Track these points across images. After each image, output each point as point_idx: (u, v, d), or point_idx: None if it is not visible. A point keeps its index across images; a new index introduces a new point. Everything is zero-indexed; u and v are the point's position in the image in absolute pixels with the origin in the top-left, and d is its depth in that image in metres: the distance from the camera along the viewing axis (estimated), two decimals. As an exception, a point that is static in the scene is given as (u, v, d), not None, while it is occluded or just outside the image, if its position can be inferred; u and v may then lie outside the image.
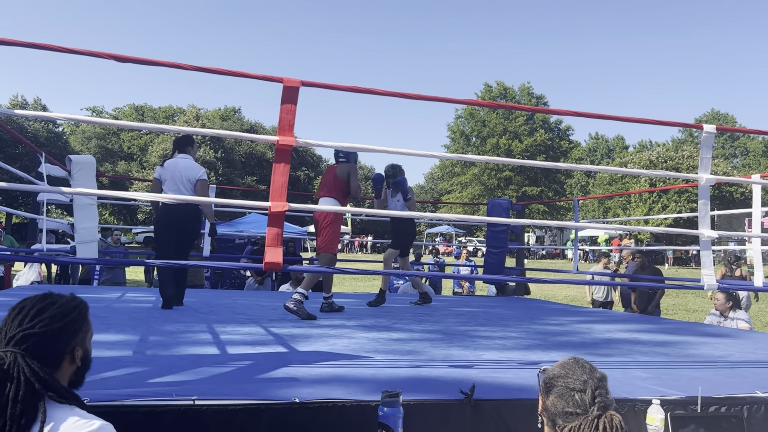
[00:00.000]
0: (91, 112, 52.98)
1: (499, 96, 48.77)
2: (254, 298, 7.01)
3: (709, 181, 3.86)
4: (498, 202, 8.93)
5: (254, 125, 50.68)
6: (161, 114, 53.66)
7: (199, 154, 40.54)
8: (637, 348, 4.21)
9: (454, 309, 6.70)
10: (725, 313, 6.55)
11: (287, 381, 2.60)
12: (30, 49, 3.00)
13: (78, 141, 49.39)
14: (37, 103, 43.51)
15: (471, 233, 46.92)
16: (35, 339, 1.51)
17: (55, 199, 11.43)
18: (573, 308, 8.30)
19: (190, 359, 3.06)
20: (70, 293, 1.67)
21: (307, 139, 3.45)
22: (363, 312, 5.77)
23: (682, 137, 58.71)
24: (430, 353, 3.60)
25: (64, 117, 3.34)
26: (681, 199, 36.77)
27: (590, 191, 50.68)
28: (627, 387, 2.75)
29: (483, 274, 9.03)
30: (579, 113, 4.04)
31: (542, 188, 46.99)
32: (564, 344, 4.27)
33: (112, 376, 2.54)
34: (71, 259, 6.03)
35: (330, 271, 4.50)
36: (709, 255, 3.93)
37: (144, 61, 3.16)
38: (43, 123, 37.86)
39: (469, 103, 4.34)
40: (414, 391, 2.45)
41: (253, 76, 3.27)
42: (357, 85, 3.52)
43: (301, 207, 3.78)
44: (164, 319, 4.65)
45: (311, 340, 3.91)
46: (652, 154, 41.30)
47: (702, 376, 3.13)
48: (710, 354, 4.11)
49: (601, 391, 1.67)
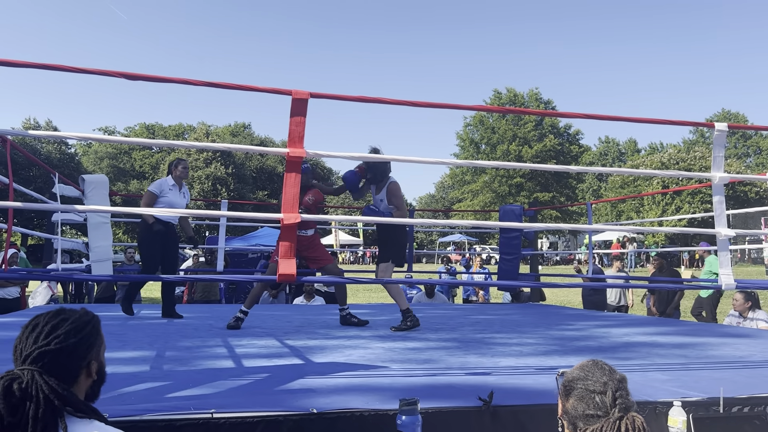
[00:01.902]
0: (103, 132, 53.57)
1: (509, 102, 48.73)
2: (269, 311, 7.01)
3: (723, 180, 3.82)
4: (510, 209, 8.89)
5: (264, 140, 50.99)
6: (172, 132, 54.16)
7: (210, 170, 40.94)
8: (655, 350, 4.17)
9: (470, 317, 6.67)
10: (744, 313, 6.47)
11: (304, 392, 2.59)
12: (41, 70, 3.04)
13: (90, 161, 49.93)
14: (49, 125, 44.05)
15: (484, 241, 46.75)
16: (51, 356, 1.52)
17: (70, 219, 11.52)
18: (589, 313, 8.23)
19: (208, 373, 3.06)
20: (81, 308, 1.68)
21: (317, 150, 3.46)
22: (378, 323, 5.75)
23: (694, 138, 58.30)
24: (446, 361, 3.58)
25: (76, 136, 3.38)
26: (695, 201, 36.47)
27: (602, 195, 50.38)
28: (647, 389, 2.71)
29: (497, 281, 8.98)
30: (588, 115, 4.02)
31: (554, 194, 46.76)
32: (582, 349, 4.23)
33: (130, 391, 2.55)
34: (87, 277, 6.07)
35: (344, 281, 4.49)
36: (726, 254, 3.88)
37: (154, 78, 3.19)
38: (56, 144, 38.31)
39: (478, 109, 4.34)
40: (432, 399, 2.44)
41: (262, 90, 3.29)
42: (365, 95, 3.53)
43: (313, 218, 3.79)
44: (180, 335, 4.66)
45: (327, 351, 3.90)
46: (664, 156, 41.05)
47: (723, 377, 3.09)
48: (731, 355, 4.06)
49: (622, 392, 1.65)
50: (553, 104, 50.49)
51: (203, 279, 8.39)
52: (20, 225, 29.28)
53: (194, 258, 11.34)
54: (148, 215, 5.66)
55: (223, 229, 8.74)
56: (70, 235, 29.27)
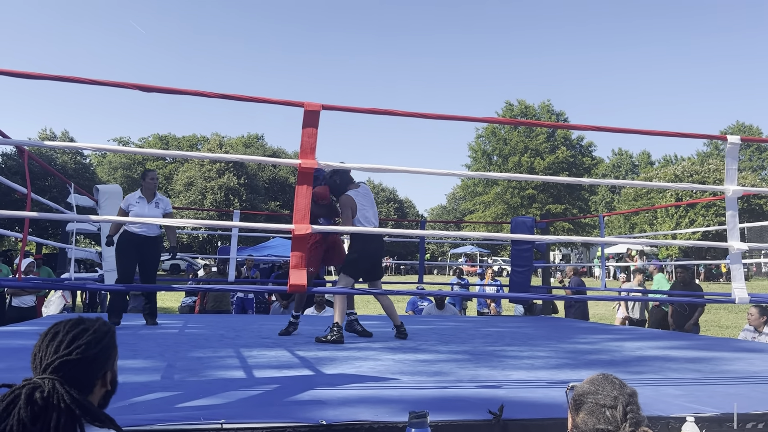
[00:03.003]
0: (118, 143, 54.11)
1: (520, 114, 48.66)
2: (280, 323, 7.01)
3: (737, 193, 3.80)
4: (522, 220, 8.87)
5: (276, 151, 51.23)
6: (185, 143, 54.58)
7: (223, 180, 41.16)
8: (668, 365, 4.13)
9: (481, 329, 6.64)
10: (759, 327, 6.39)
11: (314, 403, 2.59)
12: (58, 82, 3.09)
13: (105, 171, 50.39)
14: (65, 135, 44.56)
15: (495, 253, 46.56)
16: (72, 365, 1.53)
17: (84, 228, 11.64)
18: (602, 326, 8.17)
19: (218, 383, 3.07)
20: (98, 318, 1.70)
21: (329, 162, 3.48)
22: (388, 334, 5.74)
23: (708, 150, 57.89)
24: (457, 374, 3.57)
25: (91, 147, 3.42)
26: (709, 213, 36.17)
27: (615, 207, 50.04)
28: (660, 404, 2.69)
29: (508, 293, 8.94)
30: (601, 128, 4.01)
31: (566, 206, 46.51)
32: (593, 362, 4.20)
33: (141, 401, 2.56)
34: (100, 286, 6.16)
35: (353, 293, 4.49)
36: (739, 268, 3.85)
37: (168, 90, 3.23)
38: (71, 155, 38.68)
39: (490, 121, 4.35)
40: (442, 411, 2.43)
41: (275, 102, 3.32)
42: (376, 107, 3.55)
43: (324, 229, 3.80)
44: (191, 345, 4.68)
45: (337, 362, 3.90)
46: (677, 169, 40.82)
47: (738, 392, 3.05)
48: (745, 370, 4.01)
49: (633, 407, 1.64)
50: (565, 116, 50.36)
51: (213, 289, 8.42)
52: (36, 234, 29.55)
53: (206, 268, 11.39)
54: (113, 228, 6.01)
55: (235, 239, 8.79)
56: (84, 245, 29.54)
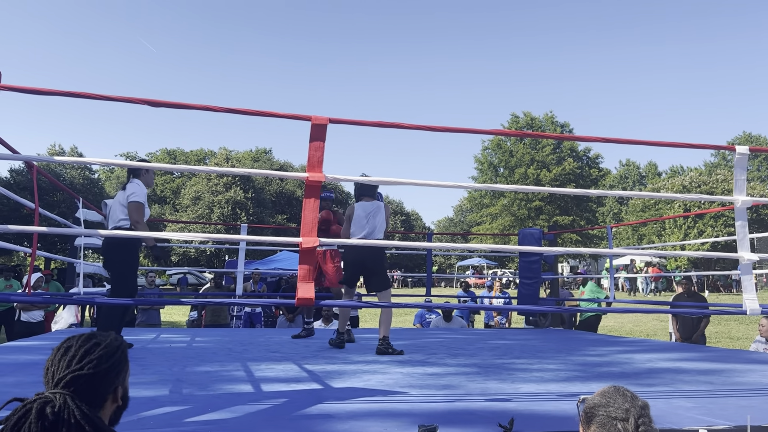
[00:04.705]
0: (126, 158, 54.47)
1: (526, 126, 48.65)
2: (287, 336, 7.00)
3: (746, 203, 3.78)
4: (529, 232, 8.85)
5: (284, 164, 51.43)
6: (193, 157, 54.87)
7: (230, 194, 41.31)
8: (680, 377, 4.09)
9: (489, 342, 6.60)
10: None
11: (322, 417, 2.58)
12: (67, 97, 3.12)
13: (113, 186, 50.67)
14: (74, 150, 44.89)
15: (503, 265, 46.39)
16: (84, 380, 1.53)
17: (92, 243, 11.67)
18: (612, 338, 8.11)
19: (226, 397, 3.06)
20: (110, 333, 1.70)
21: (336, 175, 3.49)
22: (396, 347, 5.71)
23: (715, 161, 57.69)
24: (466, 387, 3.55)
25: (99, 162, 3.44)
26: (717, 224, 35.96)
27: (623, 219, 49.83)
28: (672, 417, 2.66)
29: (516, 305, 8.90)
30: (608, 139, 4.02)
31: (574, 217, 46.33)
32: (604, 375, 4.16)
33: (149, 415, 2.55)
34: (108, 301, 6.13)
35: (360, 306, 4.48)
36: (750, 279, 3.82)
37: (175, 105, 3.26)
38: (80, 170, 38.91)
39: (498, 134, 4.35)
40: (451, 425, 2.41)
41: (282, 116, 3.34)
42: (382, 120, 3.56)
43: (332, 241, 3.80)
44: (199, 359, 4.67)
45: (345, 376, 3.88)
46: (685, 179, 40.66)
47: (751, 405, 3.02)
48: (758, 382, 3.97)
49: (645, 419, 1.62)
50: (570, 127, 50.34)
51: (221, 303, 8.42)
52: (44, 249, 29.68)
53: (212, 281, 11.40)
54: (149, 237, 4.87)
55: (242, 252, 8.79)
56: (93, 259, 29.65)
